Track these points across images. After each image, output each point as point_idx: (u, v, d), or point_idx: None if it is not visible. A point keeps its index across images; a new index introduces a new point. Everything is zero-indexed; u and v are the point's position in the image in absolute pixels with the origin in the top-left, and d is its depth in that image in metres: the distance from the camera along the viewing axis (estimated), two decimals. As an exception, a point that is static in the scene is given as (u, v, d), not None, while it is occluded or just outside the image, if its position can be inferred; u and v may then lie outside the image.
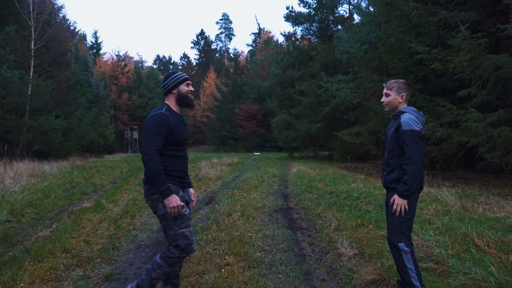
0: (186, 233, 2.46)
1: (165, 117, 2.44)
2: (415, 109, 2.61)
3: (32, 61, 16.38)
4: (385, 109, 2.74)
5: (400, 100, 2.65)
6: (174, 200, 2.37)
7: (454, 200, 5.46)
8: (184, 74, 2.65)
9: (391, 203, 2.53)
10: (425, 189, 6.68)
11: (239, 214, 5.23)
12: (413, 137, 2.42)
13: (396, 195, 2.49)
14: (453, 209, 5.10)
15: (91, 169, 14.39)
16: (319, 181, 8.72)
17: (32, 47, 16.44)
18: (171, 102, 2.60)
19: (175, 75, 2.60)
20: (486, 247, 3.40)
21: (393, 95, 2.65)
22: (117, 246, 4.01)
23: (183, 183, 2.59)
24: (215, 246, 3.87)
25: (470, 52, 7.48)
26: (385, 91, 2.71)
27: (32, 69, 16.23)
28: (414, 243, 3.50)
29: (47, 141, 16.92)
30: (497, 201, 5.66)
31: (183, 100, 2.59)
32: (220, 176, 10.42)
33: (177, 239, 2.44)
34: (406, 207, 2.46)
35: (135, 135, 42.38)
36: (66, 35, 20.90)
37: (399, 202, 2.46)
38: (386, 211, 2.64)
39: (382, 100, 2.74)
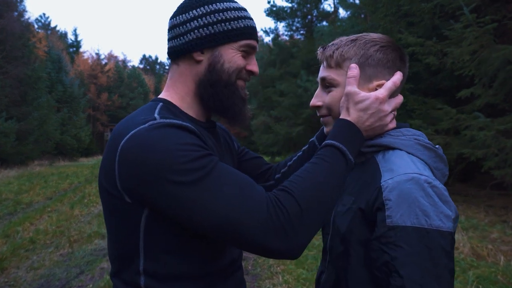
0: None
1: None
2: (422, 136, 0.86)
3: (-23, 55, 14.54)
4: (326, 128, 0.90)
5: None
6: None
7: (461, 239, 3.96)
8: (247, 13, 0.87)
9: None
10: (420, 216, 5.18)
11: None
12: (429, 256, 0.62)
13: None
14: (461, 255, 3.60)
15: (42, 177, 12.62)
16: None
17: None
18: (179, 91, 0.86)
19: (217, 5, 0.83)
20: None
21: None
22: None
23: None
24: None
25: (474, 43, 6.04)
26: (322, 74, 0.86)
27: (-24, 64, 14.39)
28: None
29: (-3, 145, 15.10)
30: (518, 239, 4.19)
31: (221, 97, 0.84)
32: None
33: None
34: None
35: (115, 136, 40.47)
36: (27, 29, 19.03)
37: None
38: None
39: (312, 103, 0.89)
